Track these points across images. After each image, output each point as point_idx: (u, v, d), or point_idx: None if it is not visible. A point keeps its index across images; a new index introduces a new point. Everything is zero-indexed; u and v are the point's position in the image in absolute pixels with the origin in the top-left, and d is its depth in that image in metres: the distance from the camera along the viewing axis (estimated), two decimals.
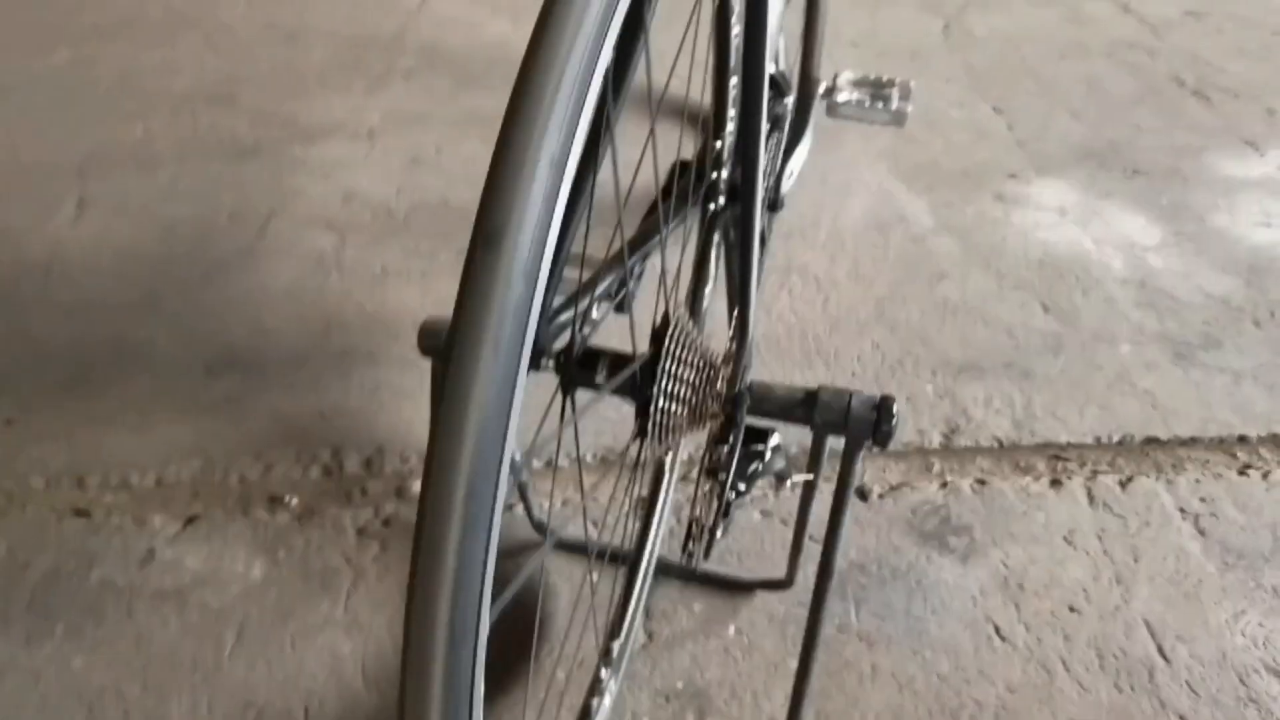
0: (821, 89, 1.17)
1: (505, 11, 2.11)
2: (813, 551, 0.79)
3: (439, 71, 1.88)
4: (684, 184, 0.76)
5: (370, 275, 1.36)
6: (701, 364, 0.60)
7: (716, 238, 0.86)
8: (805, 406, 0.63)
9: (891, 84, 1.18)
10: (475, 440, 0.35)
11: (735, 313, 0.71)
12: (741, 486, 0.65)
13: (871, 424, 0.61)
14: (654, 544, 0.89)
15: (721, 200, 0.80)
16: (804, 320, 1.29)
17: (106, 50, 1.95)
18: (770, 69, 0.83)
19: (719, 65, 0.70)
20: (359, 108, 1.76)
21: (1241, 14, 2.17)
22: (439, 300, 1.31)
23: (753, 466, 0.66)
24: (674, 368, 0.59)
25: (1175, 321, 1.29)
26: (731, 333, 0.70)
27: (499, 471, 0.35)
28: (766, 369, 1.21)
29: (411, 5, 2.13)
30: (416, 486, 1.06)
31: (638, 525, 0.90)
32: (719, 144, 0.78)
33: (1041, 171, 1.60)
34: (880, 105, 1.16)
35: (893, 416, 0.62)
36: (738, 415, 0.64)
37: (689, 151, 0.78)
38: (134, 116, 1.73)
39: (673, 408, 0.58)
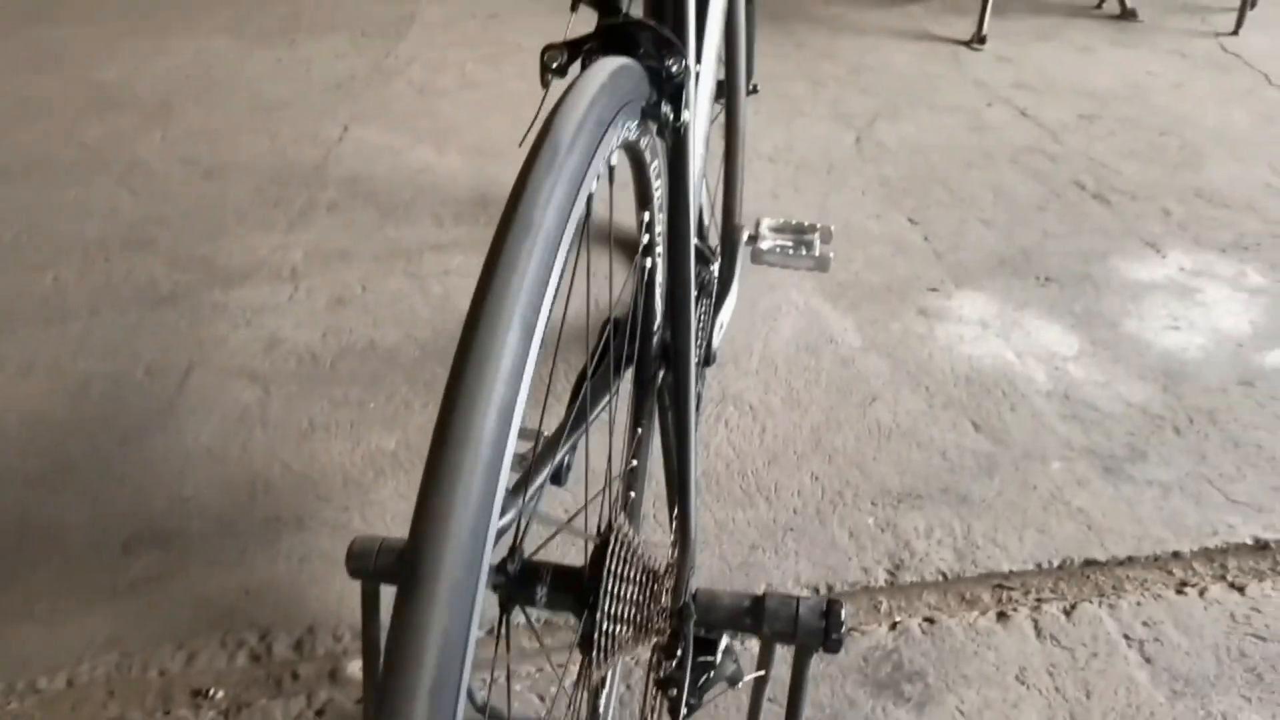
0: (745, 237, 1.20)
1: (427, 139, 2.13)
2: None
3: (362, 203, 1.88)
4: (617, 346, 0.76)
5: (297, 430, 1.32)
6: (645, 578, 0.59)
7: (652, 406, 0.86)
8: (753, 615, 0.62)
9: (813, 229, 1.22)
10: (435, 669, 0.33)
11: (676, 511, 0.70)
12: (694, 701, 0.63)
13: (820, 631, 0.60)
14: None
15: (657, 369, 0.80)
16: (742, 454, 1.29)
17: (13, 194, 1.90)
18: (695, 241, 0.84)
19: (644, 246, 0.70)
20: (281, 245, 1.73)
21: (1128, 116, 2.31)
22: (368, 455, 1.28)
23: (704, 677, 0.64)
24: (617, 587, 0.57)
25: (1101, 434, 1.33)
26: (673, 535, 0.69)
27: (457, 702, 0.33)
28: (708, 510, 1.20)
29: (332, 135, 2.14)
30: (351, 668, 1.01)
31: None
32: (649, 313, 0.78)
33: (960, 283, 1.66)
34: (804, 252, 1.18)
35: (841, 624, 0.61)
36: (684, 629, 0.63)
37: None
38: (43, 265, 1.67)
39: (617, 628, 0.57)
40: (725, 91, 1.18)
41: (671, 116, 0.60)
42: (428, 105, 2.30)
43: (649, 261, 0.72)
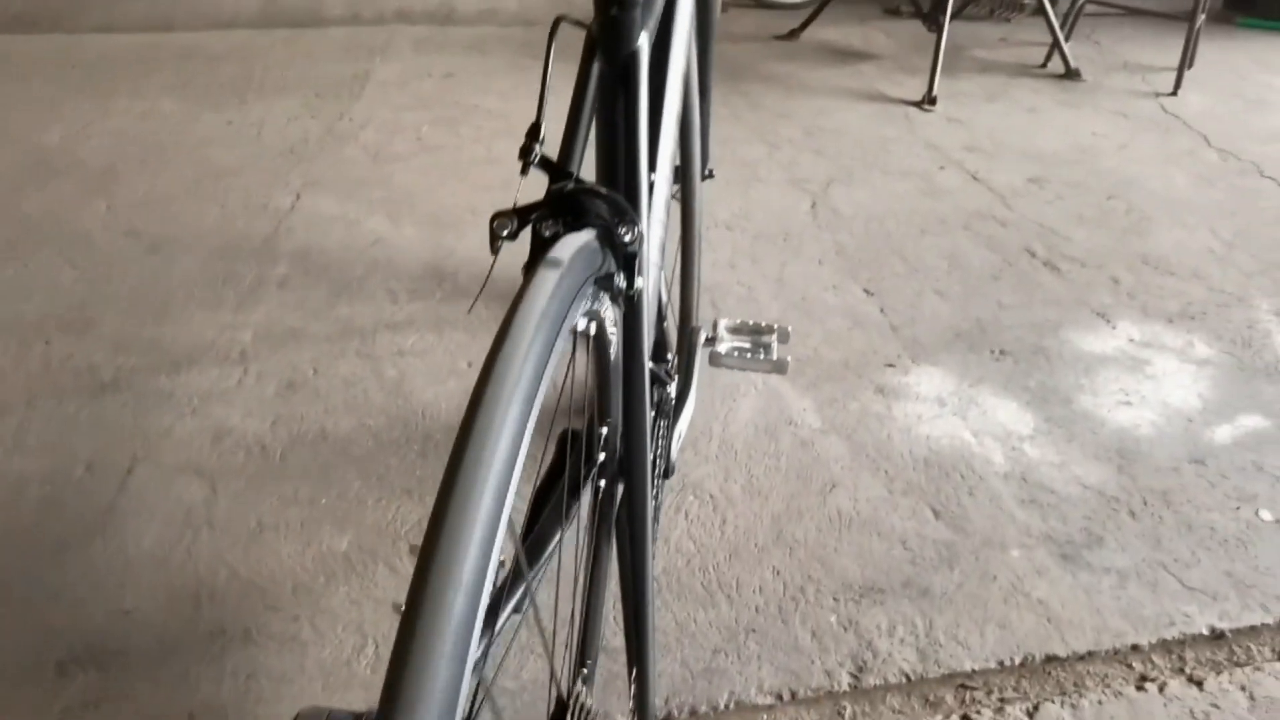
0: (702, 339, 1.19)
1: (381, 209, 2.11)
2: None
3: (314, 279, 1.85)
4: (574, 461, 0.75)
5: (245, 531, 1.28)
6: None
7: (609, 530, 0.84)
8: None
9: (770, 330, 1.22)
10: None
11: (633, 673, 0.68)
12: None
13: None
14: None
15: (612, 485, 0.79)
16: (703, 548, 1.27)
17: None
18: (650, 365, 0.83)
19: (599, 365, 0.69)
20: (229, 326, 1.70)
21: (1076, 179, 2.37)
22: (319, 557, 1.24)
23: None
24: None
25: (1058, 519, 1.34)
26: (631, 702, 0.67)
27: None
28: (669, 611, 1.18)
29: (284, 204, 2.11)
30: None
31: None
32: (604, 430, 0.77)
33: (917, 358, 1.68)
34: (761, 355, 1.18)
35: None
36: None
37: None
38: None
39: None
40: (680, 182, 1.18)
41: (624, 284, 0.60)
42: (382, 172, 2.28)
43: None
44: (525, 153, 0.61)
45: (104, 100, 2.64)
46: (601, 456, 0.73)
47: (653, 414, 0.84)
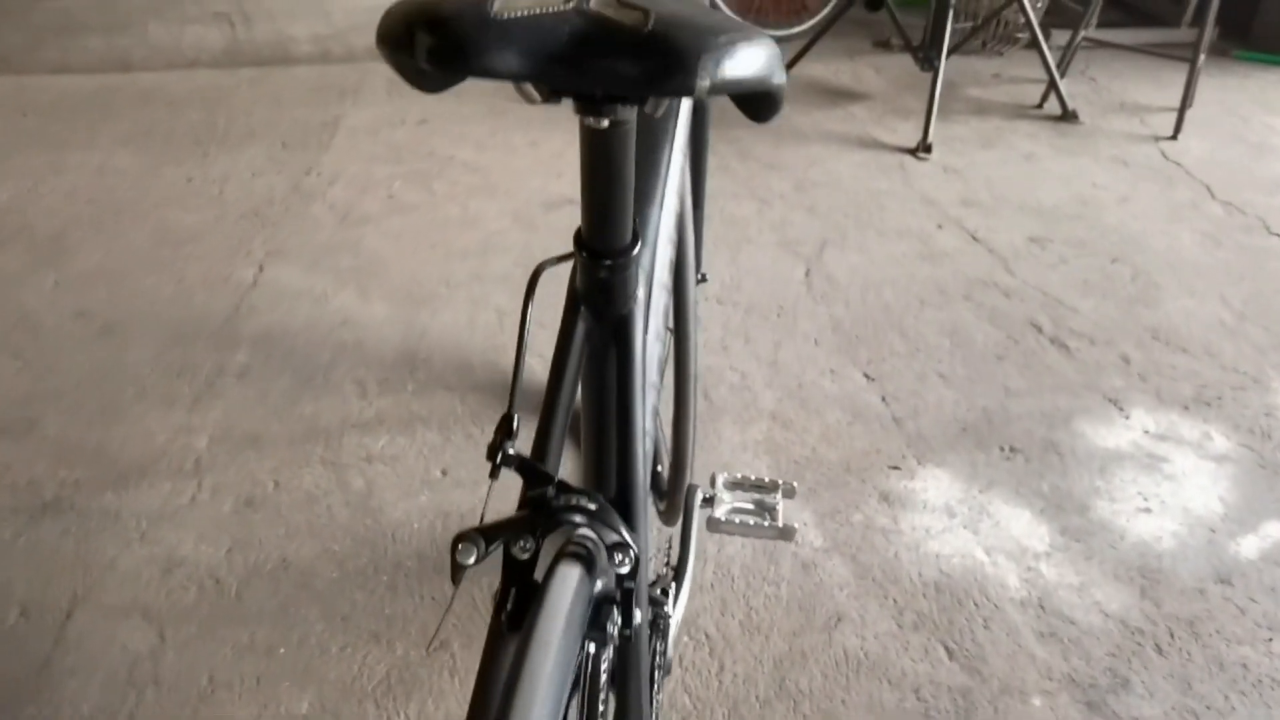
0: (700, 499, 1.09)
1: (350, 280, 2.00)
2: None
3: (277, 368, 1.73)
4: None
5: (194, 689, 1.17)
6: None
7: None
8: None
9: (774, 487, 1.12)
10: None
11: None
12: None
13: None
14: None
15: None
16: (700, 702, 1.18)
17: None
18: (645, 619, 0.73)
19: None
20: (184, 428, 1.58)
21: (1079, 238, 2.29)
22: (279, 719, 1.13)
23: None
24: None
25: (1080, 656, 1.26)
26: None
27: None
28: None
29: (246, 277, 2.00)
30: None
31: None
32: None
33: (923, 458, 1.58)
34: (765, 520, 1.08)
35: None
36: None
37: None
38: None
39: None
40: (673, 318, 1.08)
41: (620, 622, 0.50)
42: (351, 236, 2.17)
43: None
44: (494, 451, 0.51)
45: (57, 152, 2.51)
46: None
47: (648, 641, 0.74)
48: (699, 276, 1.58)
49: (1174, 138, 2.87)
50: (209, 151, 2.53)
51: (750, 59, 0.44)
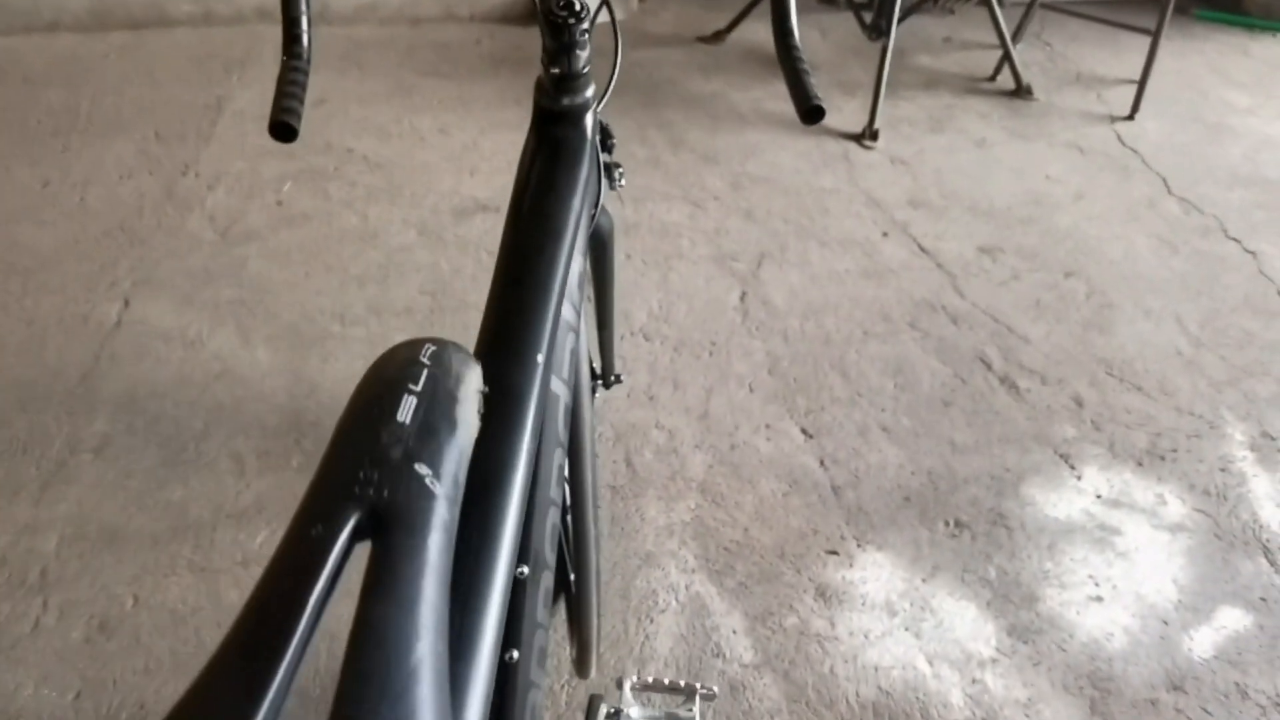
0: (603, 714, 0.95)
1: (229, 317, 1.78)
2: None
3: (142, 437, 1.54)
4: None
5: None
6: None
7: None
8: None
9: (690, 695, 0.97)
10: None
11: None
12: None
13: None
14: None
15: None
16: None
17: None
18: None
19: None
20: (29, 527, 1.39)
21: (1030, 248, 2.17)
22: None
23: None
24: None
25: None
26: None
27: None
28: None
29: (108, 316, 1.77)
30: None
31: None
32: None
33: (863, 538, 1.47)
34: None
35: None
36: None
37: None
38: None
39: None
40: (569, 476, 0.92)
41: None
42: (233, 258, 1.94)
43: None
44: None
45: None
46: None
47: None
48: (614, 377, 1.42)
49: (1131, 117, 2.74)
50: (70, 144, 2.25)
51: None
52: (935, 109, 2.72)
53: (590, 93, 0.73)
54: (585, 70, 0.71)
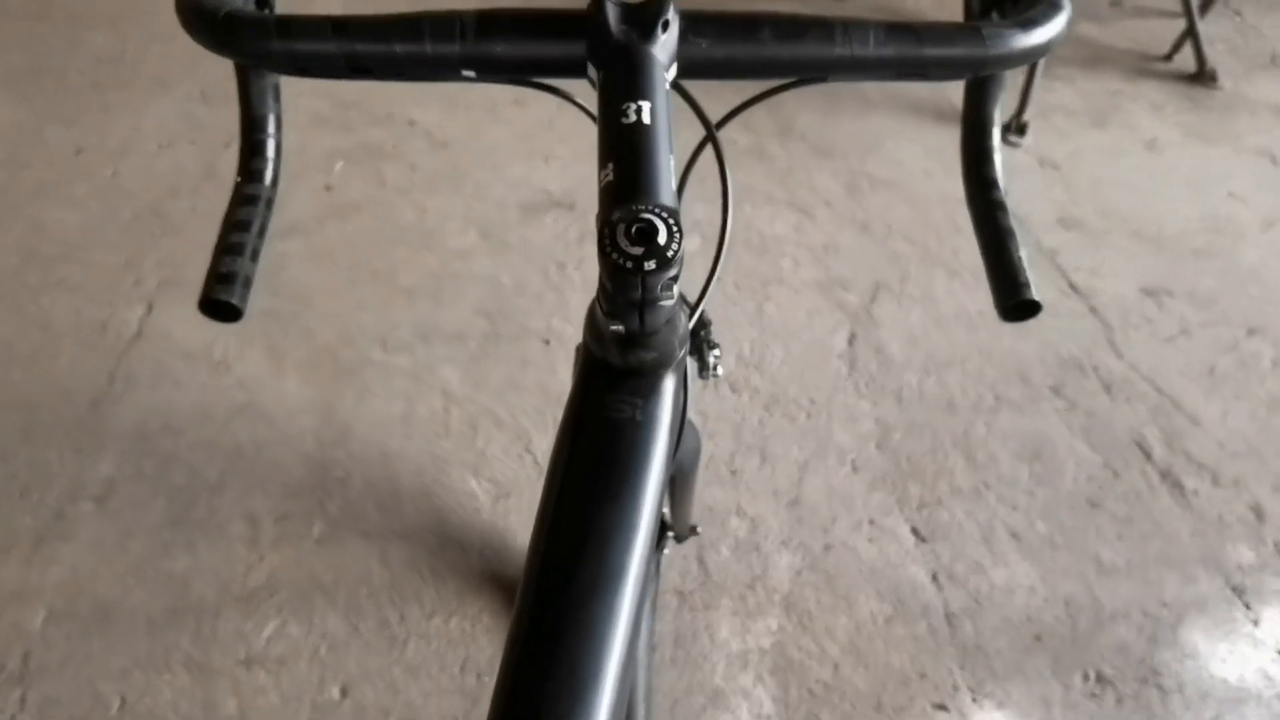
0: None
1: (258, 332, 1.60)
2: None
3: (150, 486, 1.37)
4: None
5: None
6: None
7: None
8: None
9: None
10: None
11: None
12: None
13: None
14: None
15: None
16: None
17: None
18: None
19: None
20: (16, 593, 1.24)
21: (1206, 293, 1.82)
22: None
23: None
24: None
25: None
26: None
27: None
28: None
29: (128, 325, 1.60)
30: None
31: None
32: None
33: (980, 691, 1.23)
34: None
35: None
36: None
37: None
38: None
39: None
40: None
41: None
42: (271, 256, 1.74)
43: None
44: None
45: None
46: None
47: None
48: (690, 529, 1.18)
49: None
50: (109, 102, 2.06)
51: None
52: (1097, 96, 2.34)
53: (678, 335, 0.48)
54: (668, 322, 0.45)
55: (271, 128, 0.62)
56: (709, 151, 0.58)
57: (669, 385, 0.47)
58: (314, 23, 0.49)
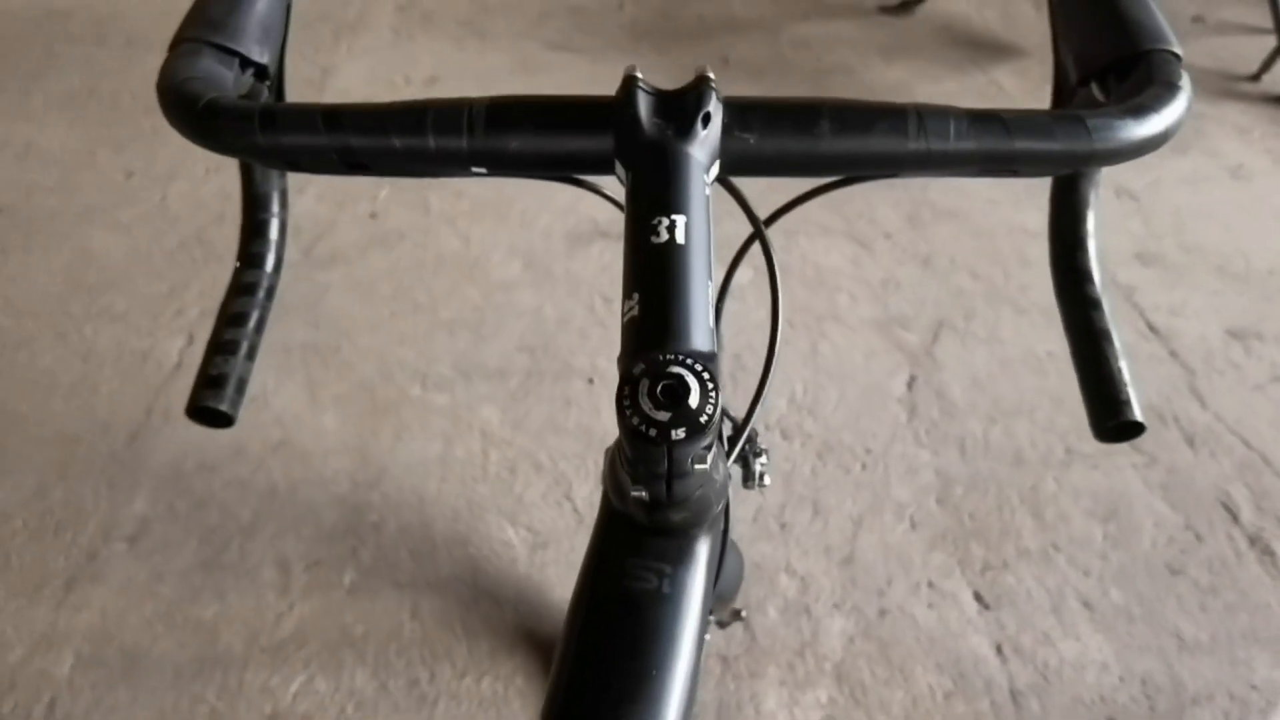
0: None
1: (298, 364, 1.57)
2: None
3: (183, 526, 1.35)
4: None
5: None
6: None
7: None
8: None
9: None
10: None
11: None
12: None
13: None
14: None
15: None
16: None
17: None
18: None
19: None
20: (45, 638, 1.22)
21: None
22: None
23: None
24: None
25: None
26: None
27: None
28: None
29: (168, 357, 1.58)
30: None
31: None
32: None
33: None
34: None
35: None
36: None
37: None
38: None
39: None
40: None
41: None
42: (312, 286, 1.71)
43: None
44: None
45: None
46: None
47: None
48: (734, 613, 1.12)
49: None
50: (160, 125, 2.03)
51: None
52: None
53: (715, 488, 0.41)
54: (701, 490, 0.38)
55: (275, 206, 0.57)
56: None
57: (704, 546, 0.41)
58: (304, 113, 0.43)
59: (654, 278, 0.37)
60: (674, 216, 0.38)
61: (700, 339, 0.35)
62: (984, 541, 1.37)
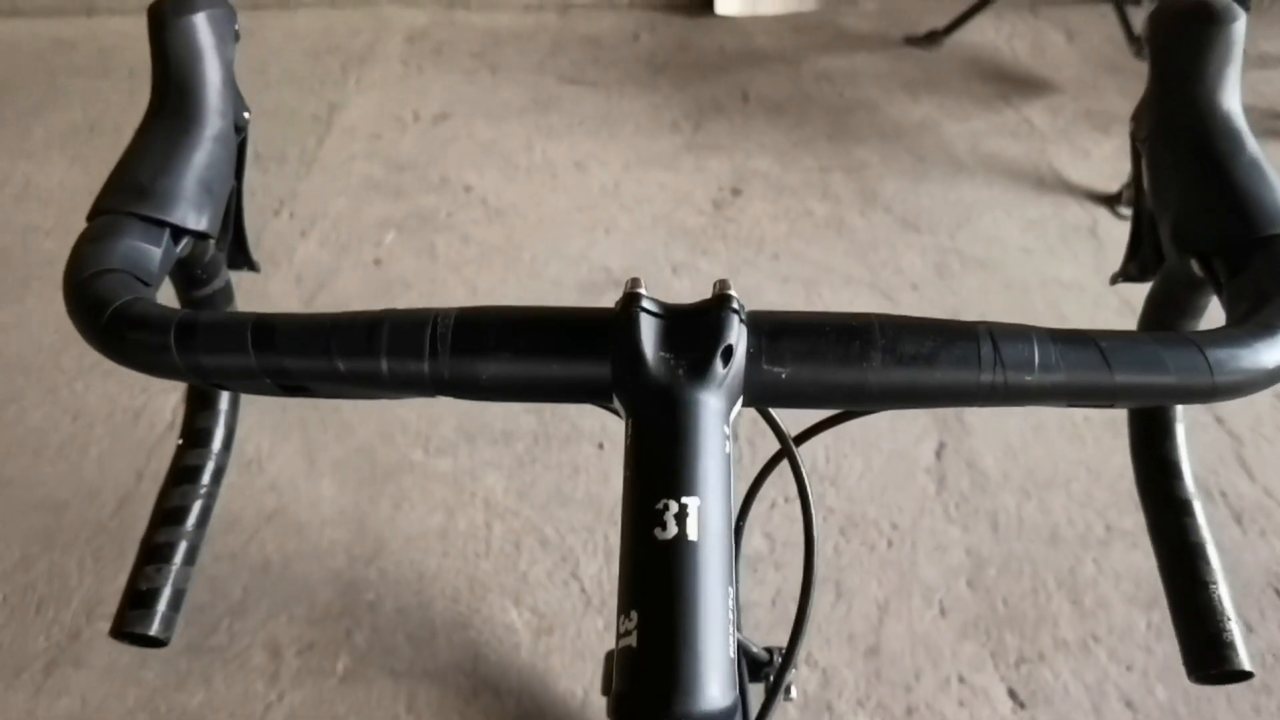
0: None
1: (296, 429, 1.51)
2: None
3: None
4: None
5: None
6: None
7: None
8: None
9: None
10: None
11: None
12: None
13: None
14: None
15: None
16: None
17: None
18: None
19: None
20: None
21: None
22: None
23: None
24: None
25: None
26: None
27: None
28: None
29: (160, 415, 1.53)
30: None
31: None
32: None
33: None
34: None
35: None
36: None
37: None
38: None
39: None
40: None
41: None
42: None
43: None
44: None
45: None
46: None
47: None
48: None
49: None
50: None
51: None
52: None
53: None
54: None
55: (224, 403, 0.51)
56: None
57: None
58: (229, 326, 0.36)
59: (658, 591, 0.29)
60: (684, 500, 0.30)
61: (716, 689, 0.28)
62: (1018, 630, 1.29)
